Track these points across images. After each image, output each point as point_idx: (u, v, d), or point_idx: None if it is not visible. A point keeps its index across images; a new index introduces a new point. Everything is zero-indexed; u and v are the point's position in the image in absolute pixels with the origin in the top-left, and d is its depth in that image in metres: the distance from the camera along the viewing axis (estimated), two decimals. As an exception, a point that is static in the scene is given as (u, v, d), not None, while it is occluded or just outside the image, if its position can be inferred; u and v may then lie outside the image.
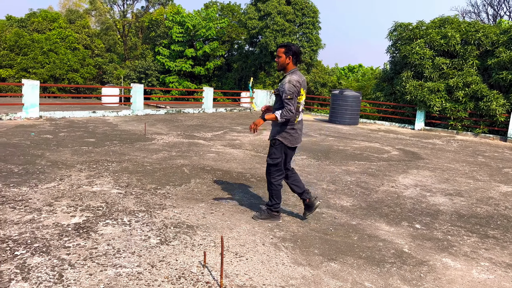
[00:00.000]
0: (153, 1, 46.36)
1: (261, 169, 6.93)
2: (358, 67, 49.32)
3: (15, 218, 3.96)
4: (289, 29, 30.08)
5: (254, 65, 32.98)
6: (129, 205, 4.60)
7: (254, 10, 31.13)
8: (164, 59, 32.20)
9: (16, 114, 11.09)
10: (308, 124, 15.10)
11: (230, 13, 38.97)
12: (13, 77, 30.24)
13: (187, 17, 31.64)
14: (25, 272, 2.96)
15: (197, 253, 3.51)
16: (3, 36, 31.86)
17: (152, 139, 9.20)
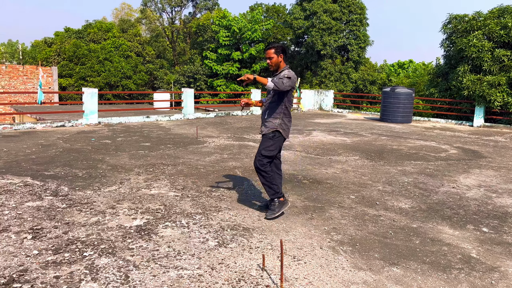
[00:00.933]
0: (200, 6, 47.40)
1: (312, 170, 6.85)
2: (409, 63, 47.62)
3: (82, 220, 4.18)
4: (336, 27, 29.62)
5: (300, 65, 32.78)
6: (186, 208, 4.71)
7: (299, 10, 30.95)
8: (211, 63, 32.81)
9: (77, 121, 11.73)
10: (358, 123, 14.77)
11: (275, 14, 39.01)
12: (73, 85, 32.07)
13: (233, 20, 32.02)
14: (94, 273, 3.11)
15: (255, 256, 3.52)
16: (62, 48, 33.87)
17: (204, 142, 9.38)
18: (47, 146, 8.28)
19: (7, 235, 3.74)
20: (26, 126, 10.80)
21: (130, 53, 35.86)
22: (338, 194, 5.52)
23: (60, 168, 6.35)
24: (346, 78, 30.27)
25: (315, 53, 30.65)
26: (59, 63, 33.24)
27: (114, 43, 34.94)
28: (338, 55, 31.30)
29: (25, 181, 5.55)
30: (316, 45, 29.48)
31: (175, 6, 48.15)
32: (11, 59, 62.47)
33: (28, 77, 29.67)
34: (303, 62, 32.24)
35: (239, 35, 32.26)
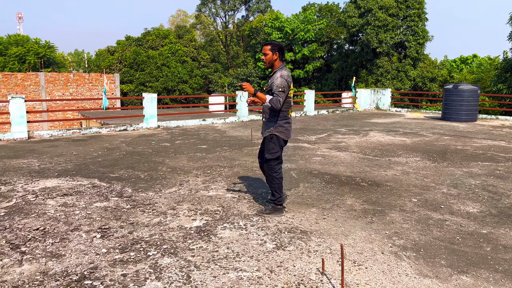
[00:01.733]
0: (252, 9, 47.87)
1: (371, 172, 6.66)
2: (472, 58, 44.91)
3: (145, 221, 4.35)
4: (392, 23, 28.66)
5: (355, 64, 32.08)
6: (243, 209, 4.76)
7: (353, 8, 30.31)
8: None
9: (138, 125, 12.28)
10: (418, 122, 14.16)
11: (329, 14, 38.47)
12: (133, 91, 33.64)
13: (286, 21, 32.02)
14: (158, 272, 3.22)
15: (313, 259, 3.47)
16: (124, 55, 35.66)
17: (258, 144, 9.43)
18: (111, 149, 8.74)
19: (78, 233, 3.98)
20: (93, 130, 11.48)
21: (186, 58, 37.01)
22: (399, 197, 5.32)
23: (124, 171, 6.67)
24: (403, 76, 29.17)
25: (370, 51, 29.85)
26: (121, 70, 35.03)
27: (171, 49, 36.23)
28: (394, 53, 30.25)
29: (93, 182, 5.89)
30: (372, 43, 28.69)
31: (229, 11, 49.02)
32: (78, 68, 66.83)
33: (93, 84, 31.57)
34: (358, 60, 31.52)
35: (292, 36, 32.18)
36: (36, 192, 5.37)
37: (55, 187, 5.60)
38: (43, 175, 6.28)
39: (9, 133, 10.02)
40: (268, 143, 4.55)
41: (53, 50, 45.79)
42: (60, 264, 3.33)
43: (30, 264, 3.32)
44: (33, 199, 5.05)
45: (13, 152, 8.29)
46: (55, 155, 8.01)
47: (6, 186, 5.66)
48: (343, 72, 33.15)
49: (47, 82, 30.58)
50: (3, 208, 4.70)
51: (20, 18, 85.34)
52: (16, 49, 40.79)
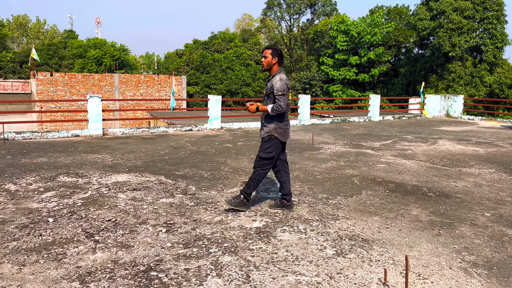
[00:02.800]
0: (318, 13, 47.53)
1: (439, 182, 6.33)
2: (559, 63, 41.03)
3: (207, 219, 4.49)
4: (467, 26, 27.03)
5: (424, 68, 30.67)
6: (303, 213, 4.74)
7: (425, 10, 29.01)
8: (328, 68, 32.60)
9: (202, 126, 12.69)
10: (493, 132, 13.21)
11: (397, 16, 37.16)
12: (198, 93, 34.79)
13: (352, 25, 31.39)
14: (218, 269, 3.31)
15: (375, 269, 3.37)
16: (191, 58, 37.01)
17: (319, 149, 9.35)
18: (177, 148, 9.11)
19: (145, 227, 4.20)
20: (160, 130, 12.04)
21: (250, 62, 37.60)
22: (470, 210, 5.00)
23: (188, 169, 6.93)
24: (478, 82, 27.37)
25: (441, 55, 28.38)
26: (188, 72, 36.39)
27: (236, 52, 37.01)
28: (469, 57, 28.49)
29: (159, 179, 6.18)
30: (444, 47, 27.27)
31: (294, 14, 49.07)
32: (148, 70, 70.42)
33: (162, 85, 33.11)
34: (428, 65, 30.09)
35: (358, 40, 31.48)
36: (109, 185, 5.74)
37: (125, 182, 5.95)
38: (115, 170, 6.70)
39: (86, 129, 10.81)
40: (265, 143, 4.67)
41: (126, 53, 48.67)
42: (129, 255, 3.53)
43: (103, 253, 3.56)
44: (106, 192, 5.40)
45: (90, 148, 8.93)
46: (126, 151, 8.51)
47: (83, 178, 6.11)
48: (411, 77, 31.82)
49: (120, 83, 32.57)
50: (80, 199, 5.08)
51: (99, 22, 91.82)
52: (94, 51, 43.88)
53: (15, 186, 5.63)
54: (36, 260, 3.40)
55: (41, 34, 68.07)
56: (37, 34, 67.32)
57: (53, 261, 3.37)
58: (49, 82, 30.96)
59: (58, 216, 4.43)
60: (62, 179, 6.07)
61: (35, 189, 5.48)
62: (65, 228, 4.11)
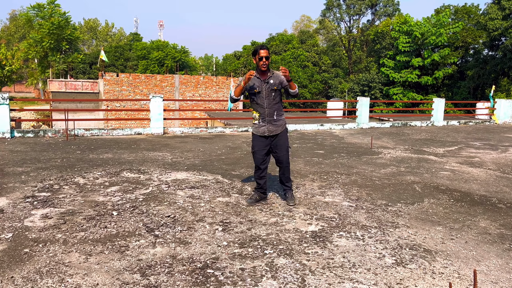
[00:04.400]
0: (379, 13, 46.18)
1: (511, 193, 5.88)
2: None
3: (263, 220, 4.50)
4: (546, 25, 24.94)
5: (494, 71, 28.74)
6: (361, 219, 4.60)
7: (496, 9, 27.20)
8: (388, 70, 31.55)
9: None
10: None
11: (466, 16, 35.14)
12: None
13: (415, 25, 30.14)
14: (273, 271, 3.30)
15: (438, 282, 3.19)
16: (249, 60, 37.43)
17: (378, 153, 9.05)
18: (233, 148, 9.24)
19: (202, 225, 4.29)
20: (217, 130, 12.29)
21: (307, 63, 37.35)
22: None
23: (244, 169, 6.99)
24: (556, 86, 25.19)
25: (515, 57, 26.43)
26: (245, 74, 36.90)
27: (293, 54, 36.93)
28: (546, 59, 26.29)
29: (216, 178, 6.30)
30: (517, 48, 25.37)
31: (354, 15, 48.03)
32: (207, 71, 72.29)
33: (219, 86, 33.82)
34: (499, 67, 28.17)
35: (421, 41, 30.18)
36: (169, 182, 5.94)
37: (184, 180, 6.13)
38: (175, 168, 6.93)
39: (148, 128, 11.29)
40: (287, 136, 5.09)
41: (187, 54, 50.31)
42: (186, 251, 3.62)
43: (162, 247, 3.68)
44: (166, 189, 5.59)
45: (151, 145, 9.31)
46: (185, 150, 8.77)
47: (145, 175, 6.38)
48: (479, 80, 29.93)
49: (180, 83, 33.70)
50: (142, 195, 5.30)
51: (161, 25, 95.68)
52: (156, 53, 45.80)
53: (83, 179, 5.99)
54: (101, 250, 3.58)
55: (109, 36, 72.26)
56: (105, 36, 71.55)
57: (117, 253, 3.54)
58: (115, 82, 32.75)
59: (121, 210, 4.65)
60: (126, 174, 6.37)
61: (101, 183, 5.80)
62: (128, 221, 4.30)
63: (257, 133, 5.03)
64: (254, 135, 5.09)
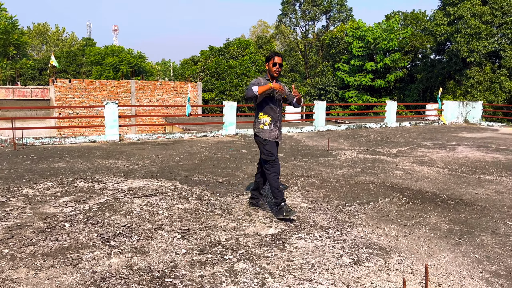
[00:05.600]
0: (333, 19, 47.44)
1: (458, 190, 6.19)
2: None
3: (222, 225, 4.46)
4: (486, 31, 26.61)
5: (441, 74, 30.25)
6: (319, 221, 4.67)
7: (442, 16, 28.68)
8: (343, 74, 32.44)
9: (217, 132, 12.72)
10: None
11: (414, 22, 36.82)
12: (214, 99, 34.97)
13: (367, 31, 31.22)
14: (233, 276, 3.27)
15: (393, 278, 3.29)
16: (206, 65, 37.28)
17: (335, 155, 9.26)
18: (192, 154, 9.13)
19: (160, 233, 4.19)
20: (176, 136, 12.11)
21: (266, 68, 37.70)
22: (491, 218, 4.87)
23: (204, 175, 6.93)
24: (497, 88, 26.85)
25: (459, 61, 27.96)
26: (203, 79, 36.63)
27: (251, 59, 37.13)
28: (487, 62, 28.00)
29: (175, 185, 6.19)
30: (461, 52, 26.88)
31: (309, 20, 49.07)
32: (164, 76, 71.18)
33: (177, 92, 33.38)
34: (445, 71, 29.67)
35: (373, 45, 31.28)
36: (125, 191, 5.77)
37: (141, 187, 5.98)
38: (131, 176, 6.75)
39: (103, 135, 10.94)
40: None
41: (143, 59, 49.32)
42: (144, 260, 3.52)
43: (118, 258, 3.56)
44: (122, 198, 5.43)
45: (106, 153, 9.02)
46: (142, 157, 8.57)
47: (99, 184, 6.16)
48: (428, 82, 31.40)
49: (136, 89, 32.97)
50: (96, 204, 5.11)
51: (116, 30, 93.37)
52: (111, 58, 44.57)
53: (32, 191, 5.70)
54: (52, 265, 3.41)
55: (60, 41, 69.53)
56: (56, 41, 68.80)
57: (69, 266, 3.39)
58: (67, 88, 31.53)
59: (74, 221, 4.46)
60: (79, 184, 6.13)
61: (52, 194, 5.54)
62: (81, 233, 4.13)
63: (269, 138, 4.75)
64: (268, 141, 4.74)
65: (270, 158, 4.70)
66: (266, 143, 4.72)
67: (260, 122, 4.79)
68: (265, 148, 4.73)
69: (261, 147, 4.79)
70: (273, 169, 4.69)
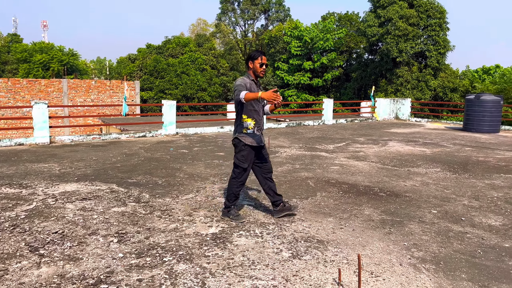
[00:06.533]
0: (272, 18, 48.16)
1: (390, 182, 6.56)
2: (495, 68, 44.05)
3: (162, 227, 4.37)
4: (413, 33, 28.38)
5: (374, 73, 31.83)
6: (260, 217, 4.73)
7: (373, 17, 30.16)
8: (283, 73, 33.05)
9: (157, 132, 12.42)
10: (438, 133, 13.92)
11: (348, 23, 38.38)
12: (153, 98, 34.11)
13: (305, 30, 32.05)
14: (173, 278, 3.22)
15: (330, 269, 3.42)
16: (144, 63, 36.26)
17: (275, 152, 9.42)
18: (130, 155, 8.84)
19: (95, 238, 4.02)
20: (112, 136, 11.66)
21: (205, 66, 37.38)
22: (418, 208, 5.21)
23: (142, 176, 6.74)
24: (424, 86, 28.78)
25: (390, 61, 29.59)
26: (141, 77, 35.59)
27: (191, 57, 36.68)
28: (415, 62, 29.92)
29: (111, 187, 5.96)
30: (391, 53, 28.45)
31: (248, 20, 49.42)
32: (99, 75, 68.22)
33: (114, 91, 32.12)
34: (377, 70, 31.26)
35: (311, 45, 32.18)
36: (56, 196, 5.46)
37: (74, 191, 5.69)
38: (63, 179, 6.39)
39: (31, 137, 10.26)
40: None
41: (76, 57, 46.91)
42: (77, 268, 3.36)
43: (48, 267, 3.36)
44: (53, 203, 5.13)
45: (35, 157, 8.48)
46: (75, 160, 8.15)
47: (27, 189, 5.78)
48: (362, 81, 32.91)
49: (69, 88, 31.28)
50: (24, 211, 4.79)
51: (45, 26, 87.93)
52: (40, 56, 41.92)
53: (-50, 199, 5.22)
54: (-27, 278, 3.15)
55: (-18, 37, 64.19)
56: (-23, 37, 63.43)
57: (-7, 279, 3.14)
58: (-10, 88, 29.17)
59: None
60: (4, 190, 5.70)
61: (-26, 202, 5.11)
62: (7, 242, 3.85)
63: (252, 144, 4.45)
64: (248, 146, 4.46)
65: (242, 165, 4.49)
66: (245, 148, 4.46)
67: (243, 126, 4.47)
68: (241, 153, 4.48)
69: (237, 151, 4.53)
70: (241, 176, 4.53)
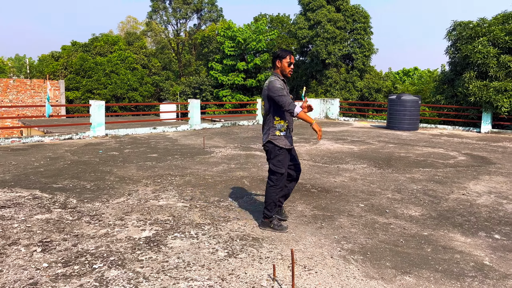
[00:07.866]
0: (204, 18, 47.83)
1: (321, 179, 6.82)
2: (414, 71, 47.60)
3: (91, 233, 4.17)
4: (340, 36, 29.73)
5: (305, 74, 32.87)
6: (195, 218, 4.70)
7: (303, 20, 31.13)
8: (217, 73, 32.98)
9: (84, 133, 11.81)
10: (365, 131, 14.73)
11: (280, 25, 39.24)
12: (80, 98, 32.34)
13: (238, 31, 32.25)
14: (104, 285, 3.09)
15: (265, 266, 3.49)
16: (69, 61, 34.26)
17: (211, 153, 9.39)
18: (55, 158, 8.32)
19: (16, 248, 3.74)
20: (34, 139, 10.89)
21: (136, 66, 36.18)
22: (347, 202, 5.48)
23: (69, 181, 6.38)
24: (351, 87, 30.28)
25: (320, 62, 30.74)
26: (66, 77, 33.60)
27: (120, 56, 35.30)
28: (343, 64, 31.37)
29: (33, 194, 5.57)
30: (321, 54, 29.57)
31: (180, 19, 48.64)
32: (19, 74, 63.28)
33: (35, 91, 29.98)
34: (308, 71, 32.33)
35: (244, 46, 32.46)
36: (-30, 205, 4.99)
37: (-9, 199, 5.24)
38: (-22, 187, 5.86)
39: None
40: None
41: (-9, 54, 43.08)
42: (-5, 281, 3.10)
43: (-39, 283, 3.07)
44: (-34, 213, 4.69)
45: None
46: (-8, 165, 7.50)
47: None
48: (294, 82, 33.84)
49: (-16, 88, 28.66)
50: None
51: (-46, 19, 79.83)
52: (-52, 52, 37.94)
53: None
54: None
55: None
56: None
57: None
58: None
59: None
60: None
61: None
62: None
63: (286, 146, 4.24)
64: (283, 149, 4.24)
65: (280, 170, 4.25)
66: (281, 152, 4.24)
67: (276, 128, 4.25)
68: (277, 159, 4.24)
69: (272, 156, 4.26)
70: (278, 182, 4.29)
